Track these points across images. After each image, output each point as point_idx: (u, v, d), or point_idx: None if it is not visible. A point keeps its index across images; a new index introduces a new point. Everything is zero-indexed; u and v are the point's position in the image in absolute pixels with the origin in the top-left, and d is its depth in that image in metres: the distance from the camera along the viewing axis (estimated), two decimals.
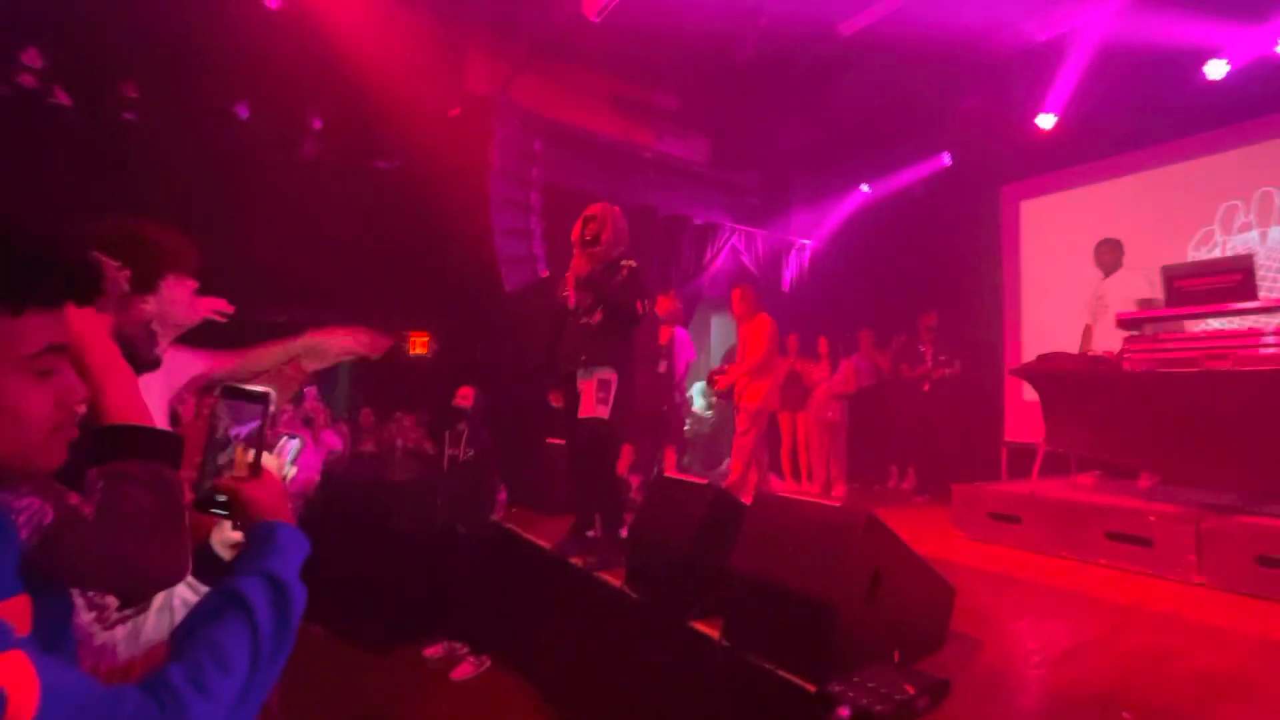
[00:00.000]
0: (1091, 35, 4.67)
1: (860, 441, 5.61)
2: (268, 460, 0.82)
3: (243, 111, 4.91)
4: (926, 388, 5.36)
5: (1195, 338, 3.17)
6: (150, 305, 1.13)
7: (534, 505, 4.10)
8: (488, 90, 5.39)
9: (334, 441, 5.05)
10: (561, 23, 4.89)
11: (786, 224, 7.38)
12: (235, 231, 4.52)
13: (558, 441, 4.16)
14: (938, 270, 6.19)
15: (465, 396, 3.74)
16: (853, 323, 6.11)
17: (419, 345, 6.06)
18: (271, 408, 0.80)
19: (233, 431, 0.80)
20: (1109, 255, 4.08)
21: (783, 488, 5.37)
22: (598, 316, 2.94)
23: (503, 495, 4.16)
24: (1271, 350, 2.92)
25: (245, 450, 0.79)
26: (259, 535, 0.74)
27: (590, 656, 2.89)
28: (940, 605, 2.10)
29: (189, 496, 0.80)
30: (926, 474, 5.30)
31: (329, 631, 3.66)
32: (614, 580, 2.71)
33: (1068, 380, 3.56)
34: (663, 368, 4.58)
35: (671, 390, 4.65)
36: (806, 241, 7.44)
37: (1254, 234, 3.71)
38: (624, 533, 2.91)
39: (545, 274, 5.62)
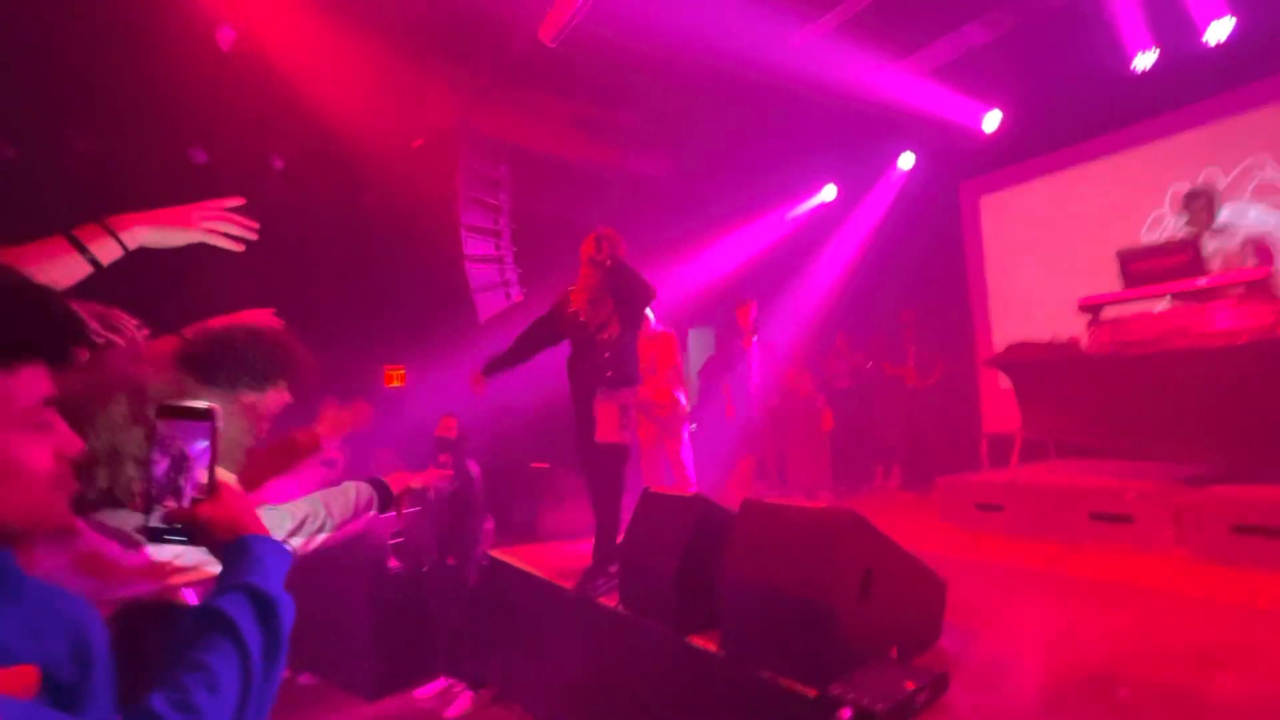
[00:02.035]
0: (1031, 33, 4.87)
1: (844, 443, 5.66)
2: (223, 474, 0.78)
3: (199, 156, 4.85)
4: (910, 384, 5.45)
5: (1154, 318, 3.27)
6: (250, 399, 1.14)
7: (523, 533, 4.05)
8: (450, 120, 5.42)
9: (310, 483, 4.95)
10: (519, 49, 4.95)
11: (754, 232, 7.48)
12: (197, 277, 4.45)
13: (543, 466, 4.13)
14: (908, 268, 6.33)
15: (448, 427, 3.70)
16: (830, 325, 6.21)
17: (395, 378, 6.00)
18: (218, 423, 0.77)
19: (182, 450, 0.76)
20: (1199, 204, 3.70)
21: (768, 494, 5.38)
22: (615, 330, 2.99)
23: (490, 525, 4.11)
24: (1225, 326, 3.03)
25: (197, 470, 0.76)
26: (232, 553, 0.71)
27: (590, 680, 2.84)
28: (933, 599, 2.11)
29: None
30: (911, 470, 5.36)
31: (322, 680, 3.56)
32: (609, 602, 2.68)
33: (1037, 368, 3.65)
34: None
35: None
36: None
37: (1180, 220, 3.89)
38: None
39: (519, 299, 5.62)
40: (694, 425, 5.74)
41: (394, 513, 1.46)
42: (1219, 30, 4.37)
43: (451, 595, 3.58)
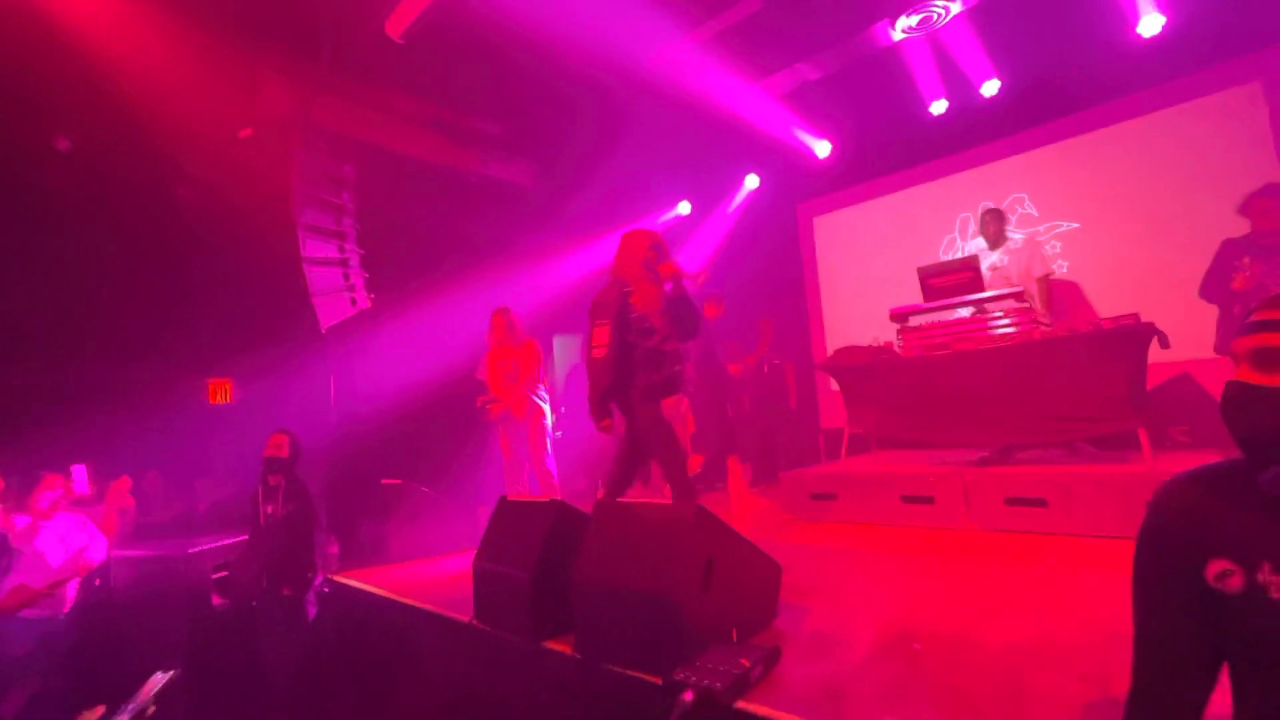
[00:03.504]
0: (854, 77, 5.51)
1: (703, 444, 5.95)
2: None
3: None
4: (761, 387, 5.85)
5: (947, 325, 3.83)
6: None
7: (373, 555, 3.80)
8: (285, 111, 4.97)
9: (116, 518, 4.26)
10: (368, 44, 4.68)
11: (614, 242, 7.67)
12: None
13: (394, 482, 3.91)
14: (755, 280, 6.83)
15: (279, 445, 3.37)
16: None
17: (220, 393, 5.35)
18: None
19: None
20: (994, 225, 4.43)
21: (635, 495, 5.52)
22: (675, 343, 2.99)
23: (334, 549, 3.81)
24: (1001, 330, 3.64)
25: None
26: None
27: (445, 698, 2.73)
28: (770, 582, 2.30)
29: None
30: (761, 468, 5.77)
31: None
32: (461, 616, 2.61)
33: (858, 370, 4.11)
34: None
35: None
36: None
37: (980, 239, 4.63)
38: None
39: (366, 305, 5.28)
40: (559, 433, 5.75)
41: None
42: (989, 88, 5.24)
43: (287, 630, 3.26)
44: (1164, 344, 3.11)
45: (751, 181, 7.01)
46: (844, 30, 5.01)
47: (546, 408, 4.45)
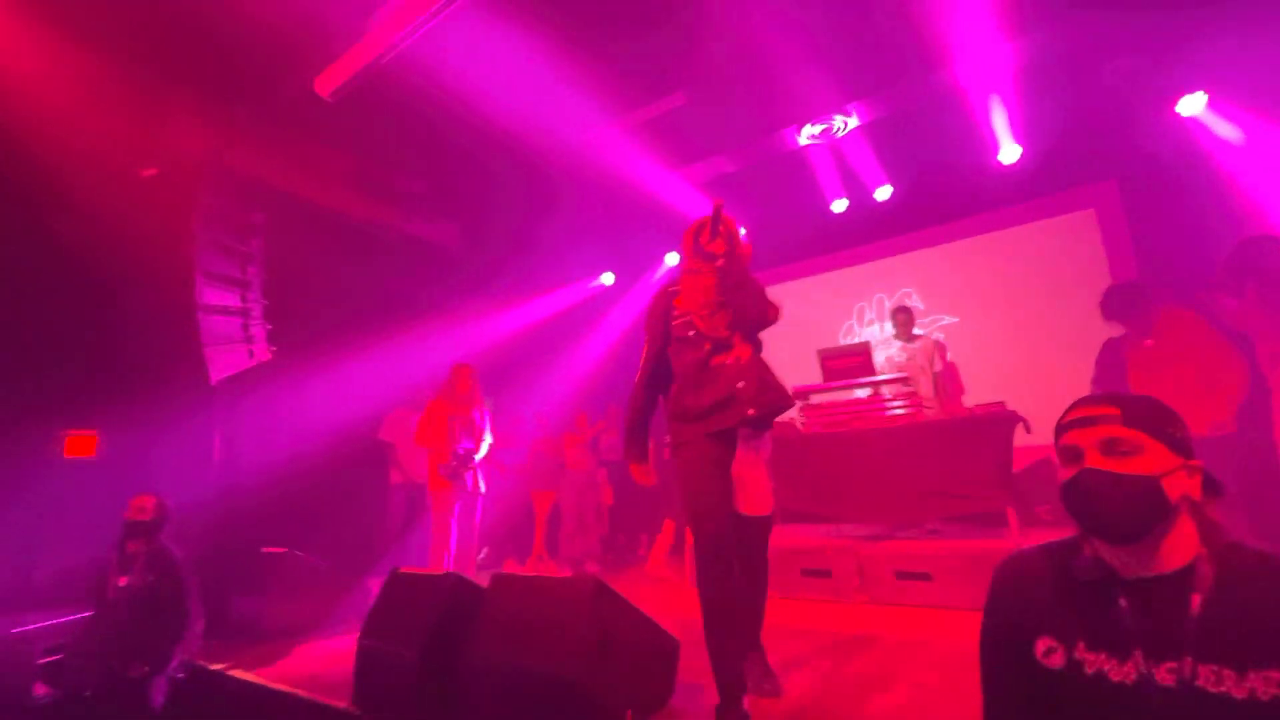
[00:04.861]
0: (762, 173, 6.03)
1: (618, 515, 5.93)
2: None
3: None
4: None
5: (845, 404, 4.10)
6: None
7: (243, 633, 3.44)
8: (196, 152, 4.80)
9: None
10: (292, 96, 4.66)
11: (537, 307, 7.73)
12: None
13: (276, 551, 3.62)
14: None
15: (142, 508, 3.05)
16: (603, 400, 6.56)
17: (80, 446, 4.79)
18: None
19: None
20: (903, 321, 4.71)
21: (530, 568, 5.35)
22: (745, 351, 2.17)
23: (200, 626, 3.42)
24: (892, 412, 3.93)
25: None
26: None
27: None
28: (668, 658, 2.28)
29: None
30: (675, 539, 5.76)
31: None
32: (338, 703, 2.40)
33: None
34: None
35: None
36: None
37: (875, 326, 5.06)
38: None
39: (266, 357, 5.01)
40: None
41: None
42: (882, 193, 5.87)
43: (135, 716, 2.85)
44: (1028, 429, 3.47)
45: (672, 259, 7.35)
46: (756, 131, 5.51)
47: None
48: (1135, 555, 0.94)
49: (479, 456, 4.22)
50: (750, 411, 2.08)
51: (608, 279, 7.83)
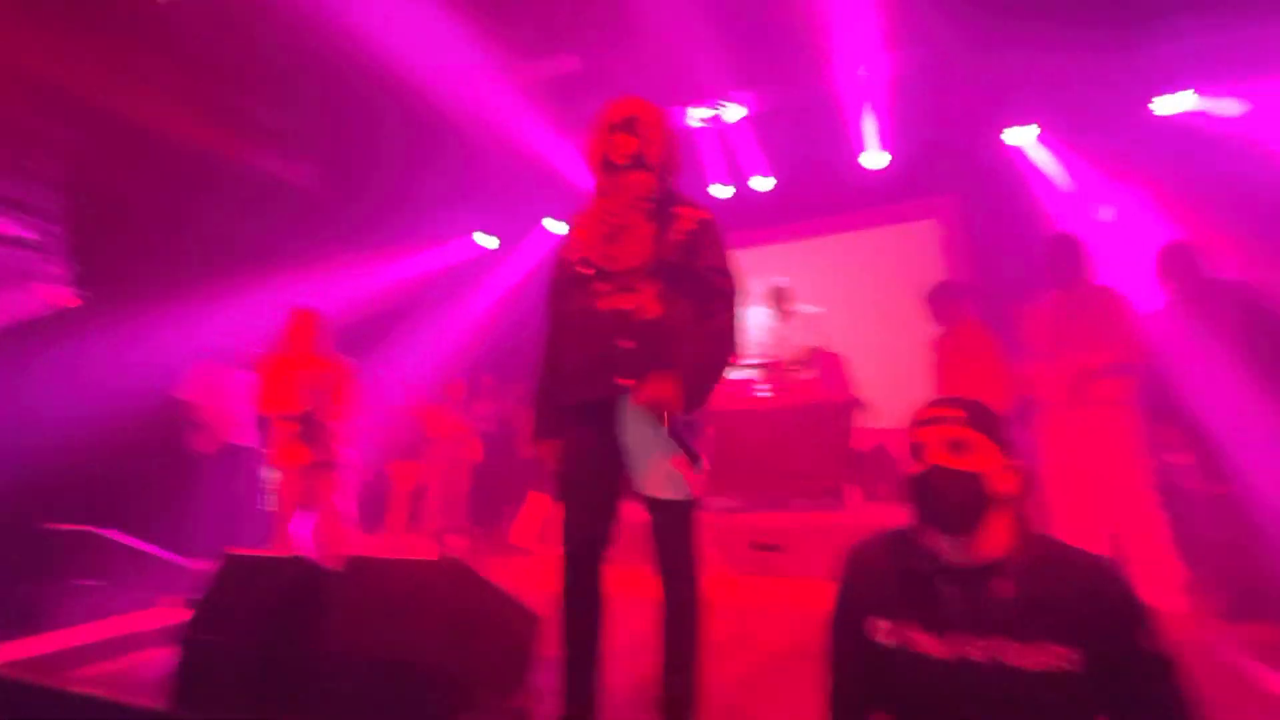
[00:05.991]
0: None
1: (486, 484, 5.75)
2: None
3: None
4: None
5: (727, 384, 4.26)
6: None
7: (26, 624, 2.93)
8: None
9: None
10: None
11: (413, 264, 7.23)
12: None
13: (69, 528, 3.11)
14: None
15: None
16: (477, 367, 6.31)
17: None
18: None
19: None
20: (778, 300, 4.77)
21: (385, 545, 5.09)
22: (657, 305, 1.64)
23: None
24: (761, 395, 4.15)
25: None
26: None
27: None
28: (527, 636, 2.25)
29: None
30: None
31: None
32: (152, 703, 2.12)
33: None
34: None
35: None
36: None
37: (750, 310, 5.34)
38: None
39: (76, 303, 4.24)
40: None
41: None
42: (764, 183, 6.12)
43: None
44: (864, 413, 3.83)
45: (554, 226, 7.17)
46: None
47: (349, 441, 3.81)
48: (963, 545, 1.04)
49: (334, 421, 3.80)
50: (626, 382, 1.60)
51: (491, 242, 7.48)
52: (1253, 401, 2.55)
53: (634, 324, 1.63)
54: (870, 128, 5.49)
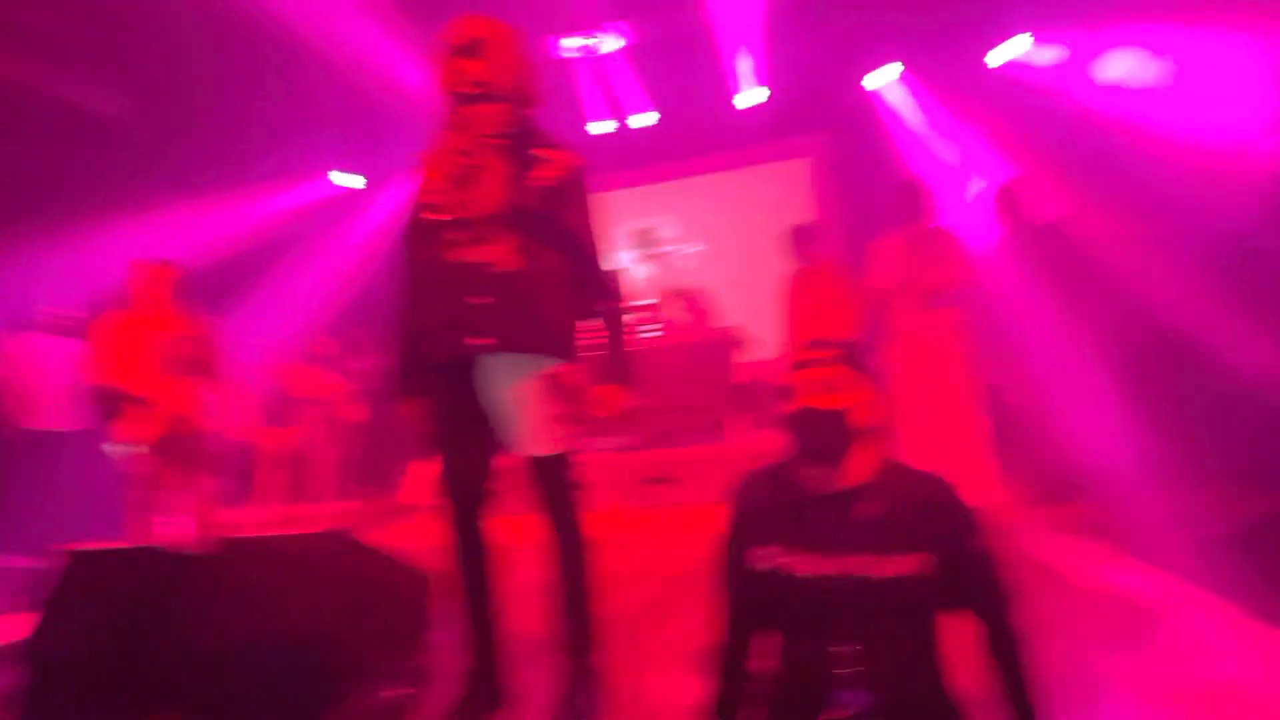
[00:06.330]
0: None
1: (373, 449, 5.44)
2: None
3: None
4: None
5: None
6: None
7: None
8: None
9: None
10: None
11: (256, 209, 6.42)
12: None
13: None
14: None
15: None
16: (350, 321, 5.85)
17: None
18: None
19: None
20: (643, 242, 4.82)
21: (264, 520, 4.74)
22: (513, 250, 1.50)
23: None
24: (645, 335, 4.23)
25: None
26: None
27: None
28: (417, 595, 2.20)
29: None
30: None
31: None
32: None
33: None
34: None
35: None
36: None
37: (625, 253, 5.37)
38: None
39: None
40: None
41: None
42: (644, 119, 6.01)
43: None
44: (741, 349, 4.05)
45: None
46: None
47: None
48: (831, 474, 1.14)
49: (202, 388, 3.34)
50: (479, 342, 1.50)
51: (356, 182, 6.79)
52: (1061, 327, 3.03)
53: (490, 277, 1.50)
54: (746, 65, 5.52)
